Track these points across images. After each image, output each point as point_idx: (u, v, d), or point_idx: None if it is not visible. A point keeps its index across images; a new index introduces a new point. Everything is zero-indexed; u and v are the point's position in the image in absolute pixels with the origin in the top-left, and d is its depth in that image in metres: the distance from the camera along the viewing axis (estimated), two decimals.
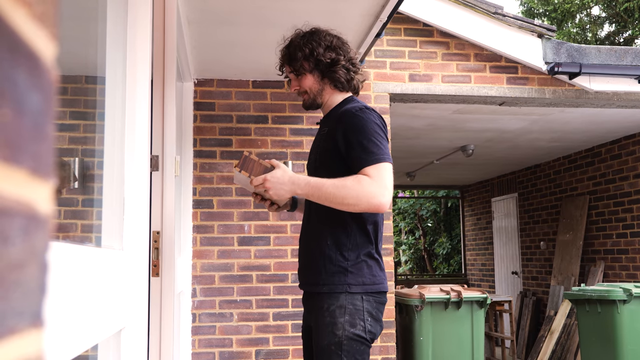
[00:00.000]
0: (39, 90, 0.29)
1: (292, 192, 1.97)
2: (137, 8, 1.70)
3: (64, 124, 2.54)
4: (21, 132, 0.28)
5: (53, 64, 0.31)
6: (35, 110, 0.29)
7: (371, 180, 1.89)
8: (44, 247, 0.31)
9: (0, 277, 0.27)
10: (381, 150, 1.95)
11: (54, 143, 0.32)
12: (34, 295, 0.30)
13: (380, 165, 1.92)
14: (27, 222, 0.29)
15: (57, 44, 0.32)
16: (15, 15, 0.27)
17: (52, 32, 0.30)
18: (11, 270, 0.28)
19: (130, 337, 1.50)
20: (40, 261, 0.31)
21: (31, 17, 0.28)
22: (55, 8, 0.31)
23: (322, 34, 2.15)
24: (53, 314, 0.87)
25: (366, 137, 1.96)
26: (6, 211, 0.27)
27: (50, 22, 0.30)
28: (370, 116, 2.01)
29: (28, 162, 0.29)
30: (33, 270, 0.30)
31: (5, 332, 0.27)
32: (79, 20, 1.91)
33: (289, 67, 2.17)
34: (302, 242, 2.17)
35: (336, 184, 1.90)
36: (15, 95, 0.27)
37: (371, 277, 2.01)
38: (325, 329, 1.95)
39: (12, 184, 0.27)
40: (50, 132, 0.31)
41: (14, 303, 0.28)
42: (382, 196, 1.87)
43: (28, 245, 0.29)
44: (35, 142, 0.29)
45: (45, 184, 0.31)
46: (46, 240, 0.31)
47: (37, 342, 0.31)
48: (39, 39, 0.29)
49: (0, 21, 0.26)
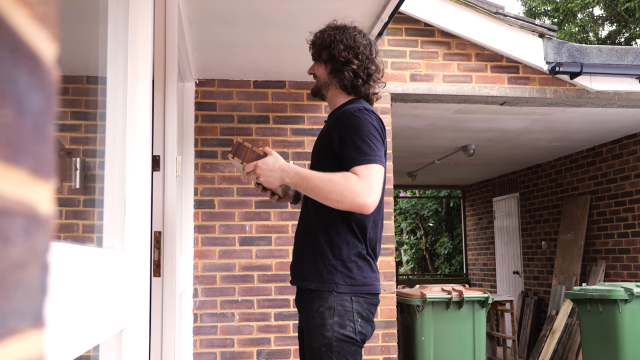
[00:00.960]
0: (40, 90, 0.29)
1: (282, 179, 1.98)
2: (138, 8, 1.71)
3: (66, 124, 2.54)
4: (22, 132, 0.28)
5: (54, 64, 0.31)
6: (36, 110, 0.29)
7: (359, 179, 1.88)
8: (45, 247, 0.31)
9: (2, 278, 0.27)
10: (374, 151, 1.94)
11: (54, 143, 0.32)
12: (35, 296, 0.30)
13: (371, 166, 1.91)
14: (28, 223, 0.29)
15: (58, 44, 0.32)
16: (16, 16, 0.27)
17: (53, 32, 0.31)
18: (12, 270, 0.28)
19: (131, 337, 1.50)
20: (41, 262, 0.31)
21: (32, 18, 0.28)
22: (56, 9, 0.31)
23: (350, 32, 2.15)
24: (54, 315, 0.87)
25: (360, 137, 1.96)
26: (7, 212, 0.27)
27: (51, 23, 0.30)
28: (367, 117, 2.01)
29: (29, 162, 0.29)
30: (34, 270, 0.30)
31: (7, 333, 0.27)
32: (80, 20, 1.91)
33: (311, 50, 2.21)
34: (296, 238, 2.18)
35: (324, 178, 1.90)
36: (17, 96, 0.27)
37: (361, 277, 2.01)
38: (315, 330, 1.96)
39: (13, 184, 0.27)
40: (51, 133, 0.31)
41: (15, 303, 0.28)
42: (367, 196, 1.86)
43: (29, 245, 0.29)
44: (36, 142, 0.29)
45: (46, 185, 0.31)
46: (47, 240, 0.31)
47: (38, 342, 0.31)
48: (40, 40, 0.29)
49: (2, 22, 0.26)
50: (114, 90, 1.65)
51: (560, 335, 6.26)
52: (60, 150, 1.58)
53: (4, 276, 0.27)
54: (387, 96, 4.31)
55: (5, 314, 0.27)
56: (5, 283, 0.27)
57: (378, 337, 4.04)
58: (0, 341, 0.27)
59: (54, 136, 0.31)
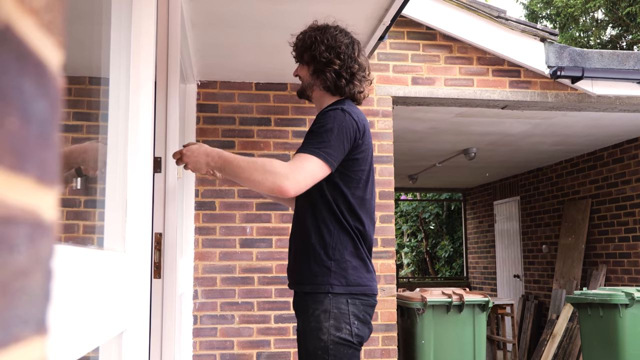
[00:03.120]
0: (45, 98, 0.29)
1: (207, 164, 1.99)
2: (141, 10, 1.71)
3: (67, 125, 2.54)
4: (27, 140, 0.28)
5: (59, 71, 0.31)
6: (41, 118, 0.29)
7: (285, 163, 1.87)
8: (49, 254, 0.31)
9: (6, 285, 0.27)
10: (321, 144, 1.89)
11: (59, 150, 0.32)
12: (38, 303, 0.30)
13: (306, 156, 1.87)
14: (32, 230, 0.29)
15: (63, 51, 0.32)
16: (22, 24, 0.27)
17: (58, 40, 0.31)
18: (16, 277, 0.28)
19: (131, 339, 1.50)
20: (44, 268, 0.31)
21: (38, 25, 0.28)
22: (62, 16, 0.31)
23: (331, 32, 2.12)
24: (54, 317, 0.87)
25: (318, 129, 1.94)
26: (12, 219, 0.27)
27: (57, 30, 0.30)
28: (339, 116, 1.96)
29: (34, 170, 0.29)
30: (38, 277, 0.30)
31: (10, 340, 0.27)
32: (83, 22, 1.91)
33: (294, 52, 2.20)
34: (290, 241, 2.16)
35: (247, 160, 1.91)
36: (22, 104, 0.27)
37: (356, 278, 1.98)
38: (311, 334, 1.94)
39: (18, 192, 0.27)
40: (56, 140, 0.31)
41: (19, 311, 0.28)
42: (286, 179, 1.82)
43: (33, 252, 0.29)
44: (41, 149, 0.29)
45: (50, 191, 0.31)
46: (51, 247, 0.31)
47: (41, 349, 0.31)
48: (46, 47, 0.29)
49: (8, 30, 0.26)
50: (116, 92, 1.66)
51: (560, 339, 6.25)
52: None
53: (8, 283, 0.27)
54: (389, 99, 4.32)
55: (8, 322, 0.27)
56: (9, 290, 0.27)
57: (378, 340, 4.03)
58: (4, 348, 0.27)
59: (59, 143, 0.32)
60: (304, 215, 2.06)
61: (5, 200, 0.26)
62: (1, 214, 0.26)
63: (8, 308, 0.27)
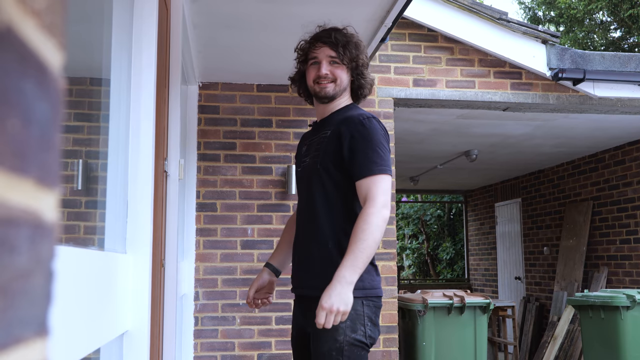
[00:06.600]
0: (46, 100, 0.29)
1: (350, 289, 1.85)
2: (143, 11, 1.71)
3: (69, 126, 2.54)
4: (28, 142, 0.28)
5: (61, 73, 0.31)
6: (42, 120, 0.29)
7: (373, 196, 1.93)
8: (50, 255, 0.31)
9: (7, 287, 0.27)
10: (384, 161, 1.99)
11: (60, 152, 0.32)
12: (39, 304, 0.30)
13: (382, 177, 1.97)
14: (33, 232, 0.29)
15: (65, 52, 0.32)
16: (24, 25, 0.27)
17: (60, 41, 0.31)
18: (17, 279, 0.28)
19: (132, 340, 1.50)
20: (46, 270, 0.31)
21: (40, 27, 0.28)
22: (64, 17, 0.31)
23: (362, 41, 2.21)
24: (56, 318, 0.87)
25: (371, 147, 1.99)
26: (13, 221, 0.27)
27: (58, 32, 0.30)
28: (377, 126, 2.04)
29: (35, 171, 0.29)
30: (39, 279, 0.30)
31: (11, 342, 0.27)
32: (85, 23, 1.91)
33: (336, 51, 2.08)
34: (301, 244, 2.14)
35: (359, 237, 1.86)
36: (24, 106, 0.27)
37: (370, 281, 2.02)
38: (326, 334, 1.93)
39: (19, 193, 0.27)
40: (57, 142, 0.31)
41: (20, 312, 0.28)
42: (385, 209, 1.94)
43: (34, 254, 0.29)
44: (42, 151, 0.29)
45: (51, 193, 0.31)
46: (52, 249, 0.31)
47: (42, 350, 0.31)
48: (47, 49, 0.29)
49: (10, 32, 0.26)
50: (118, 93, 1.66)
51: (561, 341, 6.24)
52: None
53: (9, 285, 0.27)
54: (390, 101, 4.32)
55: (9, 323, 0.27)
56: (10, 292, 0.27)
57: (379, 342, 4.03)
58: (4, 350, 0.27)
59: (60, 144, 0.32)
60: (323, 221, 2.05)
61: (6, 201, 0.26)
62: (2, 215, 0.26)
63: (9, 309, 0.27)
